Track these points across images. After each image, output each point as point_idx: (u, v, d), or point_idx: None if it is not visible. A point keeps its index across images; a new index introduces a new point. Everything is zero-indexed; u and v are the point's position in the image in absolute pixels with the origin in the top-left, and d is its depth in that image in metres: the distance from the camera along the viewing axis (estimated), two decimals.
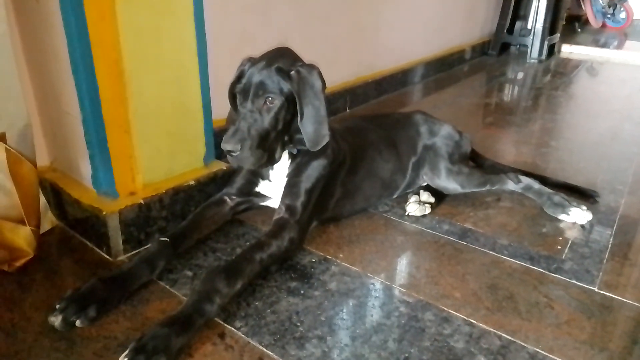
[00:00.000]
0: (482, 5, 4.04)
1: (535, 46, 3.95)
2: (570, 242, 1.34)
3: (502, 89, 3.24)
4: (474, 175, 1.54)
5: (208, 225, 1.29)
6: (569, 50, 4.47)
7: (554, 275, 1.20)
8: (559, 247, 1.32)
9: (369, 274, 1.18)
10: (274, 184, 1.32)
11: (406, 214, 1.45)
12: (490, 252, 1.29)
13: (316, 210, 1.29)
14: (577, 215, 1.43)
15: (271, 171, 1.32)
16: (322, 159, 1.29)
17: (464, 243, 1.32)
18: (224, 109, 1.32)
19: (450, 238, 1.35)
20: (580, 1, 6.00)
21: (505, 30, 4.09)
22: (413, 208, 1.45)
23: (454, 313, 1.06)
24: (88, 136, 1.18)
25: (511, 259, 1.26)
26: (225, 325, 1.00)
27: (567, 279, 1.18)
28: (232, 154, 1.14)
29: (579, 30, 5.78)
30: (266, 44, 1.33)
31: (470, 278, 1.18)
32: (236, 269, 1.04)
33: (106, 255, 1.22)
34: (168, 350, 0.87)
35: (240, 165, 1.18)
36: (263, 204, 1.39)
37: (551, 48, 4.14)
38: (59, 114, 1.25)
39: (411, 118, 1.63)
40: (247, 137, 1.13)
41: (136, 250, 1.24)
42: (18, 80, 1.15)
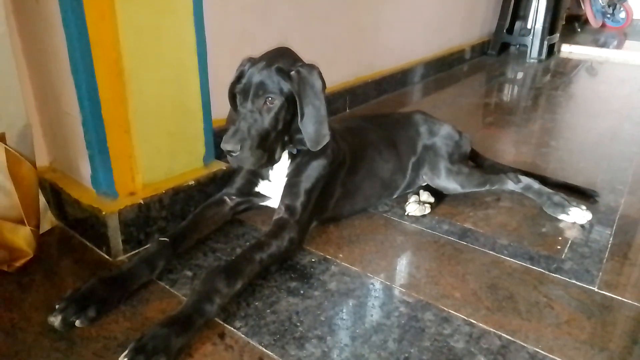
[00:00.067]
0: (482, 5, 4.04)
1: (534, 46, 3.95)
2: (570, 242, 1.34)
3: (502, 89, 3.24)
4: (473, 175, 1.54)
5: (208, 226, 1.29)
6: (568, 50, 4.48)
7: (553, 275, 1.20)
8: (558, 247, 1.32)
9: (369, 274, 1.18)
10: (274, 184, 1.32)
11: (406, 214, 1.45)
12: (490, 252, 1.29)
13: (316, 210, 1.29)
14: (577, 215, 1.43)
15: (271, 171, 1.32)
16: (322, 159, 1.29)
17: (464, 243, 1.33)
18: (224, 108, 1.32)
19: (450, 238, 1.35)
20: (580, 1, 6.00)
21: (505, 30, 4.09)
22: (413, 208, 1.45)
23: (454, 313, 1.06)
24: (88, 136, 1.18)
25: (511, 259, 1.26)
26: (225, 325, 1.00)
27: (567, 279, 1.18)
28: (232, 154, 1.14)
29: (579, 30, 5.78)
30: (266, 44, 1.33)
31: (470, 278, 1.18)
32: (236, 269, 1.04)
33: (106, 256, 1.22)
34: (168, 350, 0.87)
35: (240, 165, 1.18)
36: (263, 204, 1.39)
37: (551, 48, 4.14)
38: (58, 114, 1.25)
39: (411, 118, 1.63)
40: (247, 137, 1.13)
41: (136, 251, 1.24)
42: (18, 80, 1.15)
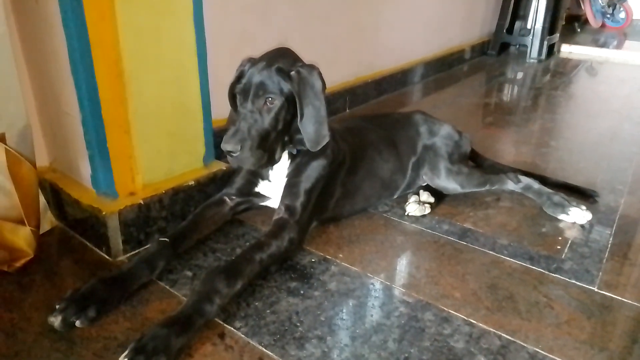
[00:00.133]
0: (482, 5, 4.04)
1: (534, 46, 3.95)
2: (570, 242, 1.34)
3: (502, 89, 3.24)
4: (473, 175, 1.54)
5: (208, 226, 1.29)
6: (568, 50, 4.48)
7: (553, 275, 1.20)
8: (558, 247, 1.32)
9: (369, 274, 1.18)
10: (274, 184, 1.32)
11: (406, 214, 1.45)
12: (490, 252, 1.29)
13: (316, 211, 1.29)
14: (577, 215, 1.43)
15: (271, 171, 1.32)
16: (322, 159, 1.29)
17: (464, 243, 1.33)
18: (224, 109, 1.32)
19: (450, 238, 1.35)
20: (580, 1, 6.00)
21: (504, 30, 4.09)
22: (413, 208, 1.45)
23: (454, 313, 1.06)
24: (88, 136, 1.18)
25: (511, 259, 1.26)
26: (225, 325, 1.00)
27: (567, 279, 1.18)
28: (232, 155, 1.14)
29: (579, 30, 5.78)
30: (266, 44, 1.33)
31: (470, 278, 1.18)
32: (236, 269, 1.04)
33: (106, 256, 1.22)
34: (168, 350, 0.87)
35: (241, 165, 1.18)
36: (263, 204, 1.39)
37: (551, 48, 4.14)
38: (58, 115, 1.25)
39: (411, 118, 1.63)
40: (247, 138, 1.13)
41: (136, 251, 1.24)
42: (18, 80, 1.15)
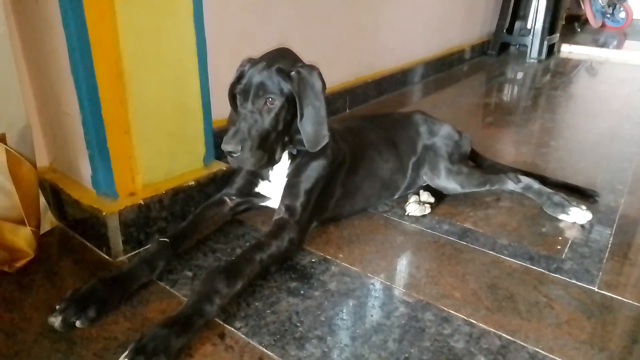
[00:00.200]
0: (482, 5, 4.04)
1: (534, 46, 3.95)
2: (570, 242, 1.34)
3: (502, 89, 3.24)
4: (473, 175, 1.54)
5: (208, 226, 1.29)
6: (568, 50, 4.48)
7: (553, 275, 1.20)
8: (558, 247, 1.32)
9: (369, 274, 1.18)
10: (274, 185, 1.32)
11: (406, 214, 1.45)
12: (490, 252, 1.29)
13: (316, 211, 1.29)
14: (577, 215, 1.43)
15: (271, 172, 1.32)
16: (322, 159, 1.29)
17: (464, 243, 1.33)
18: (224, 109, 1.32)
19: (450, 238, 1.35)
20: (580, 1, 6.00)
21: (504, 30, 4.09)
22: (413, 208, 1.45)
23: (454, 313, 1.06)
24: (88, 137, 1.18)
25: (511, 259, 1.26)
26: (225, 325, 1.00)
27: (567, 279, 1.18)
28: (233, 155, 1.14)
29: (579, 30, 5.78)
30: (266, 44, 1.34)
31: (470, 278, 1.18)
32: (236, 269, 1.04)
33: (106, 256, 1.22)
34: (168, 350, 0.87)
35: (241, 166, 1.18)
36: (263, 204, 1.39)
37: (551, 48, 4.14)
38: (58, 115, 1.25)
39: (411, 118, 1.63)
40: (248, 138, 1.13)
41: (136, 251, 1.24)
42: (18, 80, 1.15)
